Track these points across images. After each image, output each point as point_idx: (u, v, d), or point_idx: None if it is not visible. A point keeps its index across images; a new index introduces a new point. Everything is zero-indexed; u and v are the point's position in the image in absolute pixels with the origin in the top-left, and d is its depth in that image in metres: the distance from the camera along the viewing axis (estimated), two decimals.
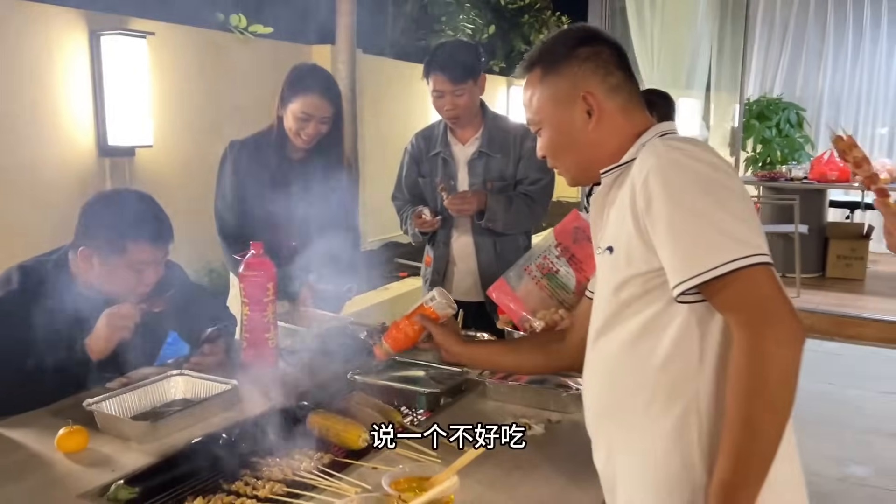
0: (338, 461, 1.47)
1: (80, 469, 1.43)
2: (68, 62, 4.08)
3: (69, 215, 4.28)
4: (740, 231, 1.04)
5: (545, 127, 1.30)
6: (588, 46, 1.26)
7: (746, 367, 1.01)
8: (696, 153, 1.11)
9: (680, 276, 1.06)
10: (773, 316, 1.01)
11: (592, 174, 1.30)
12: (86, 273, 1.84)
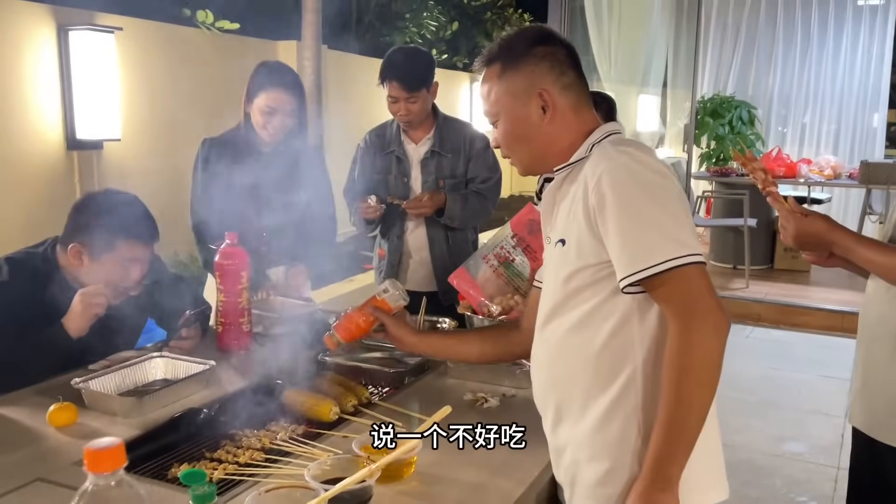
0: (311, 431, 1.60)
1: (72, 441, 1.54)
2: (36, 57, 4.10)
3: (38, 207, 4.36)
4: (679, 233, 1.19)
5: (502, 119, 1.38)
6: (545, 46, 1.35)
7: (678, 351, 1.17)
8: (644, 159, 1.24)
9: (626, 270, 1.19)
10: (702, 309, 1.16)
11: (543, 165, 1.40)
12: (75, 268, 1.94)
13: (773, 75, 7.90)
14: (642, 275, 1.17)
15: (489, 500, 1.31)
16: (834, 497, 3.07)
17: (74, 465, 1.44)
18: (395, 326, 1.67)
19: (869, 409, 1.71)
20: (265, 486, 1.25)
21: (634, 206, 1.20)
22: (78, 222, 1.96)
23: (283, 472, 1.40)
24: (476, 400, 1.77)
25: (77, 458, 1.46)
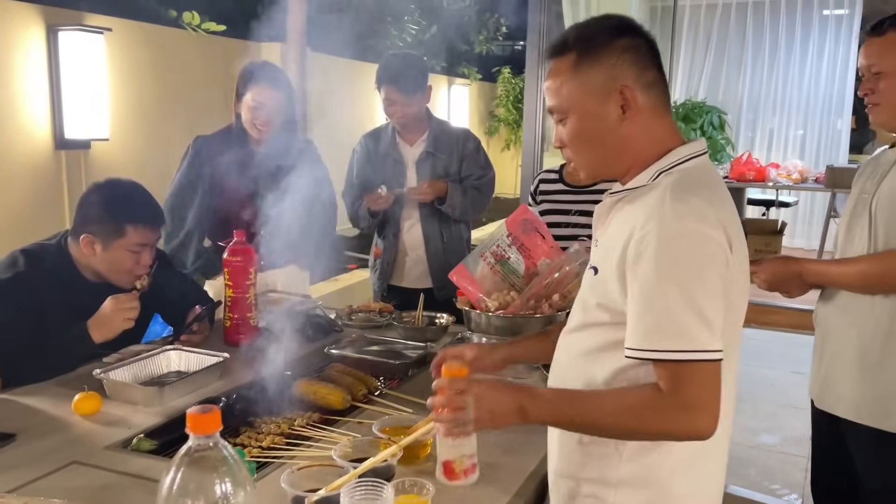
0: (326, 418, 1.70)
1: (99, 428, 1.62)
2: (26, 56, 4.12)
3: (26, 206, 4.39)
4: (699, 327, 1.10)
5: (572, 116, 1.24)
6: (628, 37, 1.22)
7: (647, 402, 1.14)
8: (699, 229, 1.12)
9: (633, 342, 1.14)
10: (692, 408, 1.12)
11: (612, 171, 1.28)
12: (88, 258, 2.00)
13: (742, 81, 8.12)
14: (647, 355, 1.13)
15: (502, 477, 1.42)
16: (805, 485, 3.23)
17: (106, 449, 1.52)
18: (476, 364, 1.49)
19: (834, 390, 1.88)
20: (297, 465, 1.34)
21: (668, 281, 1.11)
22: (87, 213, 2.02)
23: (306, 454, 1.49)
24: None
25: (108, 442, 1.54)
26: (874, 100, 1.81)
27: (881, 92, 1.79)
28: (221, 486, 0.76)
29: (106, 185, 2.08)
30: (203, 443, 0.76)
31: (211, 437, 0.77)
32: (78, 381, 1.80)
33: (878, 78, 1.80)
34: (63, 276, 1.99)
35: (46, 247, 2.04)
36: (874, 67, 1.80)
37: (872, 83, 1.81)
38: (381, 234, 2.95)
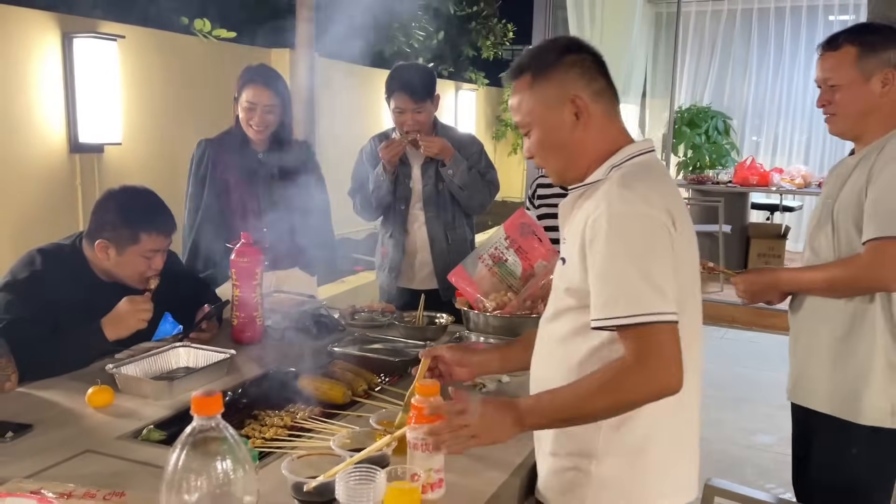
0: (327, 411, 1.78)
1: (111, 419, 1.70)
2: (42, 63, 4.23)
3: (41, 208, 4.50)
4: (651, 293, 1.24)
5: (535, 128, 1.40)
6: (574, 54, 1.38)
7: (615, 377, 1.27)
8: (644, 210, 1.27)
9: (595, 314, 1.28)
10: (653, 367, 1.24)
11: (575, 172, 1.41)
12: (102, 262, 2.09)
13: (747, 86, 8.18)
14: (610, 322, 1.26)
15: (490, 469, 1.49)
16: None
17: (117, 439, 1.60)
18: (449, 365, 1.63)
19: (807, 385, 2.00)
20: (297, 454, 1.42)
21: (620, 256, 1.26)
22: (102, 219, 2.09)
23: (307, 444, 1.56)
24: (474, 385, 1.95)
25: (119, 432, 1.63)
26: (831, 110, 1.92)
27: (837, 104, 1.90)
28: (222, 463, 0.84)
29: (121, 193, 2.16)
30: (206, 424, 0.84)
31: (213, 419, 0.85)
32: (91, 376, 1.89)
33: (833, 90, 1.90)
34: (77, 275, 2.08)
35: (62, 247, 2.13)
36: (830, 81, 1.90)
37: (829, 95, 1.91)
38: (389, 234, 3.01)
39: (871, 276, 1.79)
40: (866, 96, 1.86)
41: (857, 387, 1.88)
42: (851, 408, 1.89)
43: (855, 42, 1.86)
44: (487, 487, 1.42)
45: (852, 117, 1.90)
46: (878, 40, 1.84)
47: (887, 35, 1.85)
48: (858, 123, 1.90)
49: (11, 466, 1.44)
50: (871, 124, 1.89)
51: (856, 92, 1.86)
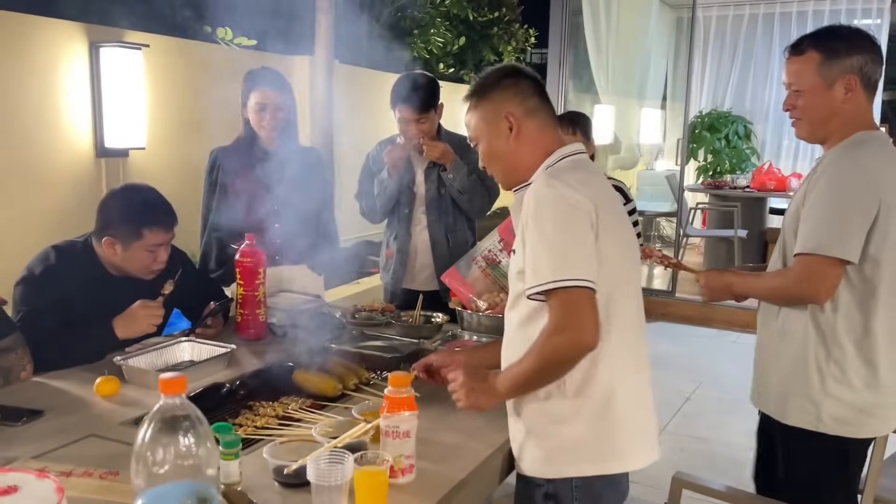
0: (318, 403, 1.88)
1: (117, 407, 1.83)
2: (70, 71, 4.42)
3: (68, 210, 4.69)
4: (567, 263, 1.45)
5: (481, 141, 1.68)
6: (509, 78, 1.65)
7: (541, 344, 1.48)
8: (566, 193, 1.48)
9: (528, 283, 1.49)
10: (568, 325, 1.44)
11: (516, 176, 1.66)
12: (110, 258, 2.22)
13: (769, 91, 8.13)
14: (537, 288, 1.47)
15: (463, 458, 1.58)
16: None
17: (121, 425, 1.72)
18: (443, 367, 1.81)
19: (763, 391, 2.06)
20: (279, 440, 1.53)
21: (544, 234, 1.47)
22: (107, 217, 2.22)
23: (294, 432, 1.67)
24: None
25: (122, 419, 1.75)
26: (796, 115, 1.94)
27: (801, 108, 1.91)
28: (186, 438, 0.94)
29: (122, 192, 2.29)
30: (171, 402, 0.95)
31: (178, 398, 0.95)
32: (100, 367, 2.02)
33: (797, 95, 1.91)
34: (89, 270, 2.21)
35: (75, 243, 2.26)
36: (793, 86, 1.91)
37: (793, 100, 1.92)
38: (392, 237, 3.12)
39: (800, 289, 1.84)
40: (828, 102, 1.86)
41: (787, 389, 1.94)
42: (782, 409, 1.96)
43: (819, 48, 1.85)
44: (457, 474, 1.51)
45: (815, 122, 1.91)
46: (843, 46, 1.84)
47: (852, 41, 1.85)
48: (821, 128, 1.91)
49: (21, 448, 1.57)
50: (835, 130, 1.89)
51: (818, 98, 1.86)
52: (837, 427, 1.88)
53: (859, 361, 1.86)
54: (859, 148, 1.84)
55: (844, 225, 1.77)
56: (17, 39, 4.23)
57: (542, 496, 1.58)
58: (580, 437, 1.54)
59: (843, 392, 1.87)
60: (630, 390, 1.58)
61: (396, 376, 1.49)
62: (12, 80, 4.21)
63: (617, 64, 7.02)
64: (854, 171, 1.80)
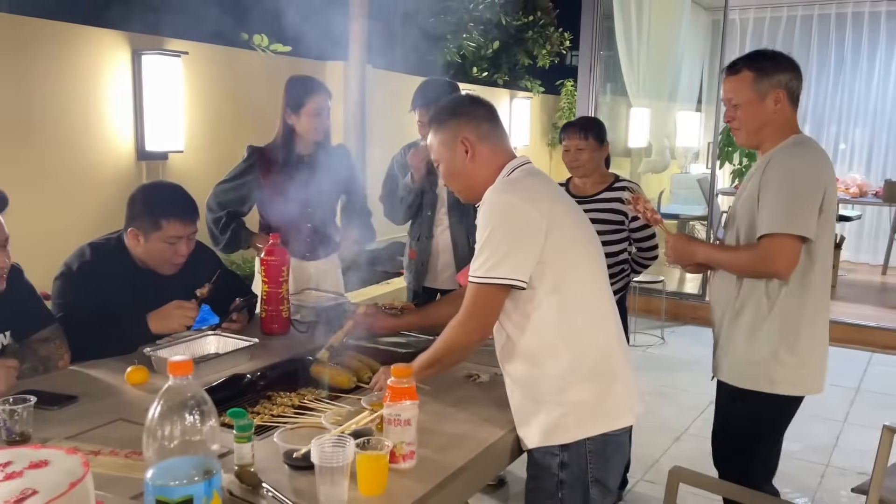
0: (333, 395, 1.98)
1: (145, 395, 1.95)
2: (114, 78, 4.62)
3: (111, 210, 4.87)
4: (500, 260, 1.67)
5: (441, 162, 1.87)
6: (465, 107, 1.85)
7: (447, 330, 1.80)
8: (507, 199, 1.71)
9: (469, 274, 1.74)
10: (469, 314, 1.74)
11: (476, 192, 1.83)
12: (135, 249, 2.34)
13: (807, 94, 8.03)
14: (472, 279, 1.73)
15: (463, 447, 1.66)
16: (817, 490, 3.31)
17: (147, 410, 1.84)
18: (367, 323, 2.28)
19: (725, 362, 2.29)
20: (290, 427, 1.63)
21: (489, 233, 1.70)
22: (131, 210, 2.34)
23: (307, 420, 1.77)
24: (470, 375, 2.12)
25: (149, 405, 1.86)
26: (735, 125, 2.23)
27: (739, 119, 2.20)
28: (192, 415, 1.04)
29: (147, 187, 2.42)
30: (178, 382, 1.05)
31: (185, 379, 1.05)
32: (131, 357, 2.14)
33: (735, 108, 2.21)
34: (121, 265, 2.33)
35: (109, 240, 2.39)
36: (732, 100, 2.21)
37: (732, 112, 2.22)
38: (416, 237, 3.22)
39: (764, 265, 2.10)
40: (761, 113, 2.16)
41: (745, 356, 2.21)
42: (739, 377, 2.22)
43: (751, 67, 2.17)
44: (457, 461, 1.58)
45: (751, 131, 2.19)
46: (770, 65, 2.16)
47: (778, 61, 2.18)
48: (757, 135, 2.20)
49: (56, 429, 1.69)
50: (768, 136, 2.19)
51: (753, 109, 2.17)
52: (785, 388, 2.18)
53: (800, 328, 2.15)
54: (800, 147, 2.15)
55: (802, 208, 2.05)
56: (64, 48, 4.44)
57: (557, 465, 1.71)
58: (585, 398, 1.70)
59: (788, 357, 2.15)
60: (619, 348, 1.78)
61: (398, 368, 1.58)
62: (59, 86, 4.42)
63: (649, 67, 7.01)
64: (802, 163, 2.10)
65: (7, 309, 2.03)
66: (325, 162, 2.97)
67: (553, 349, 1.71)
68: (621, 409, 1.75)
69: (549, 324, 1.71)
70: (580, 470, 1.72)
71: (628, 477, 3.29)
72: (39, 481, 1.24)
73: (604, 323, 1.78)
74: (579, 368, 1.71)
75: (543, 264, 1.69)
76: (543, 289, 1.70)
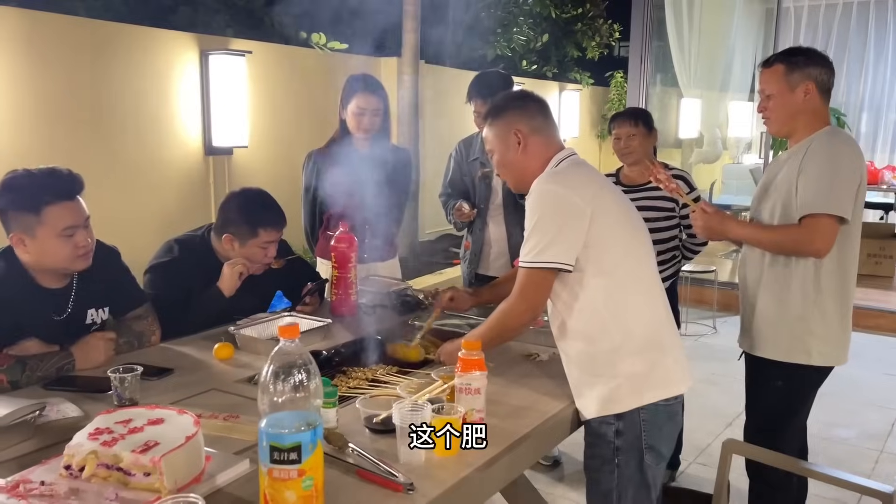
0: (403, 370, 2.13)
1: (232, 369, 2.13)
2: (183, 77, 4.87)
3: (181, 201, 5.14)
4: (547, 247, 1.79)
5: (495, 153, 1.98)
6: (519, 101, 1.97)
7: (497, 312, 1.92)
8: (553, 188, 1.83)
9: (520, 261, 1.86)
10: (521, 297, 1.85)
11: (526, 182, 1.93)
12: (228, 252, 2.53)
13: (863, 82, 7.90)
14: (522, 264, 1.84)
15: (527, 417, 1.79)
16: (871, 475, 3.35)
17: (236, 382, 2.01)
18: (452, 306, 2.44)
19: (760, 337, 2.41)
20: (370, 395, 1.78)
21: (536, 221, 1.83)
22: (226, 217, 2.53)
23: (381, 391, 1.92)
24: (530, 355, 2.24)
25: (237, 378, 2.04)
26: (767, 115, 2.38)
27: (770, 109, 2.36)
28: (299, 374, 1.19)
29: (241, 195, 2.58)
30: (288, 344, 1.20)
31: (293, 341, 1.21)
32: (217, 336, 2.33)
33: (768, 99, 2.35)
34: (205, 260, 2.53)
35: (194, 237, 2.59)
36: (765, 91, 2.36)
37: (765, 102, 2.37)
38: (469, 230, 3.36)
39: (806, 244, 2.23)
40: (791, 103, 2.31)
41: (783, 330, 2.34)
42: (776, 348, 2.36)
43: (783, 61, 2.32)
44: (522, 429, 1.72)
45: (782, 120, 2.35)
46: (802, 59, 2.31)
47: (810, 56, 2.33)
48: (787, 124, 2.35)
49: (158, 397, 1.88)
50: (799, 125, 2.33)
51: (783, 100, 2.31)
52: (821, 359, 2.32)
53: (834, 303, 2.30)
54: (839, 136, 2.31)
55: (842, 190, 2.19)
56: (138, 50, 4.70)
57: (613, 433, 1.83)
58: (638, 370, 1.81)
59: (822, 330, 2.30)
60: (664, 326, 1.88)
61: (469, 341, 1.72)
62: (133, 86, 4.68)
63: (700, 57, 6.99)
64: (844, 150, 2.25)
65: (106, 288, 2.23)
66: (382, 161, 3.09)
67: (603, 327, 1.82)
68: (672, 378, 1.86)
69: (597, 303, 1.82)
70: (635, 437, 1.82)
71: (681, 458, 3.37)
72: (159, 434, 1.43)
73: (651, 301, 1.88)
74: (629, 343, 1.81)
75: (588, 248, 1.80)
76: (590, 270, 1.81)
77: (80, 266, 2.10)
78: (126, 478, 1.36)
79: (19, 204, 1.99)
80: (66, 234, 2.02)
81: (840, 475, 1.82)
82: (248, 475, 1.44)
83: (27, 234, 2.00)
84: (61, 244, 2.02)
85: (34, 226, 1.99)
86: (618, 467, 1.84)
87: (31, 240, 2.00)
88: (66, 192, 2.03)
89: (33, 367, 1.93)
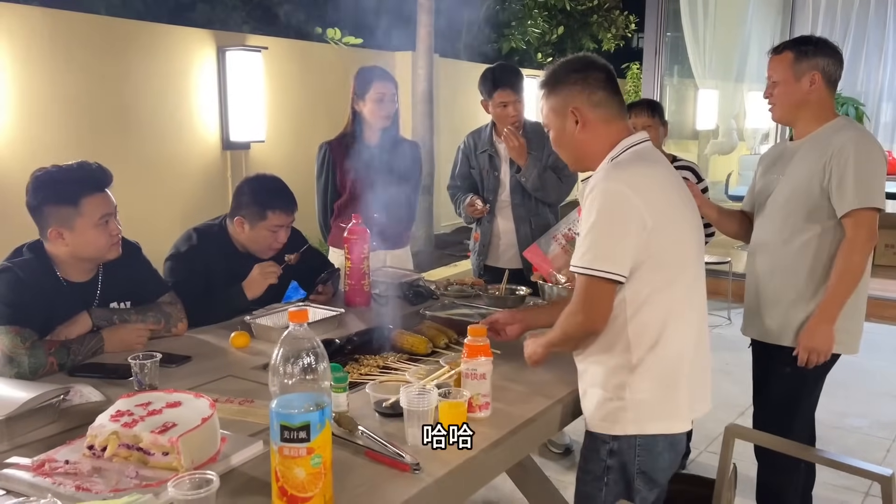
0: (412, 358, 2.19)
1: (248, 356, 2.20)
2: (201, 73, 4.95)
3: (200, 195, 5.24)
4: (607, 254, 1.63)
5: (551, 129, 1.81)
6: (578, 73, 1.73)
7: (563, 318, 1.76)
8: (618, 188, 1.63)
9: (573, 262, 1.70)
10: (578, 309, 1.69)
11: (583, 164, 1.82)
12: (239, 235, 2.61)
13: (883, 70, 7.81)
14: (574, 269, 1.69)
15: (531, 403, 1.82)
16: (882, 464, 3.34)
17: (252, 369, 2.08)
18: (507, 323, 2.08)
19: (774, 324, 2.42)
20: (380, 380, 1.84)
21: (594, 221, 1.64)
22: (238, 200, 2.60)
23: (392, 376, 1.98)
24: None
25: (252, 365, 2.11)
26: (772, 101, 2.39)
27: (776, 96, 2.37)
28: (308, 356, 1.25)
29: (254, 179, 2.66)
30: (297, 328, 1.26)
31: (302, 326, 1.27)
32: (234, 325, 2.40)
33: (774, 85, 2.37)
34: (223, 248, 2.60)
35: (212, 225, 2.66)
36: (772, 78, 2.37)
37: (771, 89, 2.38)
38: (478, 222, 3.40)
39: (866, 240, 2.23)
40: (796, 91, 2.32)
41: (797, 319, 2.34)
42: (791, 335, 2.36)
43: (793, 49, 2.33)
44: (526, 414, 1.77)
45: (786, 107, 2.36)
46: (811, 49, 2.31)
47: (820, 46, 2.32)
48: (791, 112, 2.37)
49: (177, 383, 1.94)
50: (803, 115, 2.35)
51: (788, 87, 2.32)
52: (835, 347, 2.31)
53: None
54: (859, 128, 2.34)
55: (879, 184, 2.23)
56: (156, 46, 4.78)
57: (606, 452, 1.75)
58: (645, 398, 1.69)
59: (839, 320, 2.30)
60: (694, 355, 1.73)
61: (474, 328, 1.77)
62: (152, 82, 4.77)
63: (715, 48, 6.96)
64: (871, 143, 2.30)
65: (127, 282, 2.31)
66: (392, 151, 3.15)
67: (624, 345, 1.69)
68: (679, 415, 1.74)
69: (625, 319, 1.69)
70: (627, 461, 1.74)
71: (691, 447, 3.41)
72: (177, 416, 1.49)
73: (683, 328, 1.71)
74: (645, 369, 1.69)
75: (638, 262, 1.65)
76: (631, 287, 1.67)
77: (114, 254, 2.20)
78: (146, 457, 1.43)
79: (57, 198, 2.08)
80: (103, 223, 2.13)
81: (839, 458, 1.84)
82: (261, 456, 1.51)
83: (66, 227, 2.09)
84: (99, 233, 2.12)
85: (73, 217, 2.08)
86: (606, 486, 1.77)
87: (70, 232, 2.09)
88: (100, 184, 2.14)
89: (75, 350, 2.05)
